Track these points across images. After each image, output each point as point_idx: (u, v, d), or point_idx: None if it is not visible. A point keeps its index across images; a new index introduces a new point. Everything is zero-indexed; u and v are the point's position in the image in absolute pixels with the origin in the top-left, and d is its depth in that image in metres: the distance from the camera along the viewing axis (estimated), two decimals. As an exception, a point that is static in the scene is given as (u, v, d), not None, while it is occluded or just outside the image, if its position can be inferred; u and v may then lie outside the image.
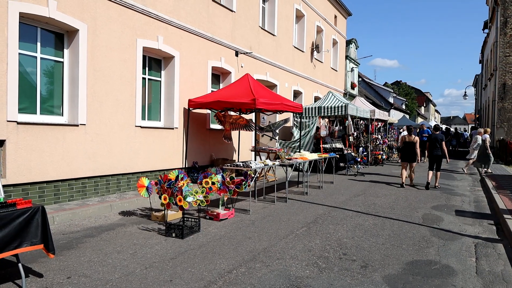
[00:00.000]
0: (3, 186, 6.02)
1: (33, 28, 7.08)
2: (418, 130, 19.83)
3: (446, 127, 38.13)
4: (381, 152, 18.04)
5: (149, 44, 9.12)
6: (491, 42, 23.58)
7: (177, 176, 6.02)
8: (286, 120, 13.52)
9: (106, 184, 8.20)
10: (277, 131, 13.53)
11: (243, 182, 6.87)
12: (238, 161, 10.61)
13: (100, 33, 7.91)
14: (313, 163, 10.20)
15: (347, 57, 25.77)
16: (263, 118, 14.58)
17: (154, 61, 9.91)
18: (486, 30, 26.93)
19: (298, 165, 9.34)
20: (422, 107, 64.94)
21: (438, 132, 10.97)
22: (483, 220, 7.04)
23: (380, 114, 18.10)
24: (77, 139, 7.50)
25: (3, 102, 6.30)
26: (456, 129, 40.80)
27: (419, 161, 11.50)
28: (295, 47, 17.16)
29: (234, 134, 11.95)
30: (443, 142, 10.74)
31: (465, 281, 4.18)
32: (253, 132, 10.96)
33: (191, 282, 4.00)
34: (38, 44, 7.18)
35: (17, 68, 6.51)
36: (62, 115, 7.61)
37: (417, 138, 11.02)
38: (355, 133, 16.26)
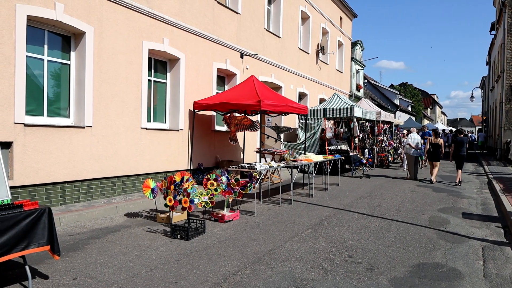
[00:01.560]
0: (10, 187, 6.06)
1: (40, 31, 7.14)
2: (420, 131, 19.68)
3: (450, 129, 37.85)
4: (387, 154, 17.94)
5: (155, 46, 9.17)
6: (498, 43, 23.40)
7: (183, 178, 6.04)
8: (289, 128, 13.79)
9: (112, 186, 8.24)
10: (281, 135, 13.62)
11: (248, 184, 6.86)
12: (243, 163, 10.61)
13: (107, 36, 7.97)
14: (318, 165, 10.18)
15: (352, 59, 25.71)
16: (268, 120, 14.58)
17: (160, 63, 9.96)
18: (493, 32, 26.73)
19: (303, 167, 9.32)
20: (429, 109, 64.53)
21: (462, 135, 12.22)
22: (491, 223, 6.97)
23: (385, 116, 18.00)
24: (83, 141, 7.54)
25: (11, 104, 6.36)
26: (466, 131, 40.69)
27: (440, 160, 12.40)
28: (300, 49, 17.16)
29: (240, 136, 11.96)
30: (467, 144, 12.10)
31: (473, 285, 4.14)
32: (258, 133, 10.97)
33: (196, 284, 4.00)
34: (45, 46, 7.24)
35: (24, 70, 6.57)
36: (69, 117, 7.67)
37: (442, 141, 12.31)
38: (361, 135, 16.20)
